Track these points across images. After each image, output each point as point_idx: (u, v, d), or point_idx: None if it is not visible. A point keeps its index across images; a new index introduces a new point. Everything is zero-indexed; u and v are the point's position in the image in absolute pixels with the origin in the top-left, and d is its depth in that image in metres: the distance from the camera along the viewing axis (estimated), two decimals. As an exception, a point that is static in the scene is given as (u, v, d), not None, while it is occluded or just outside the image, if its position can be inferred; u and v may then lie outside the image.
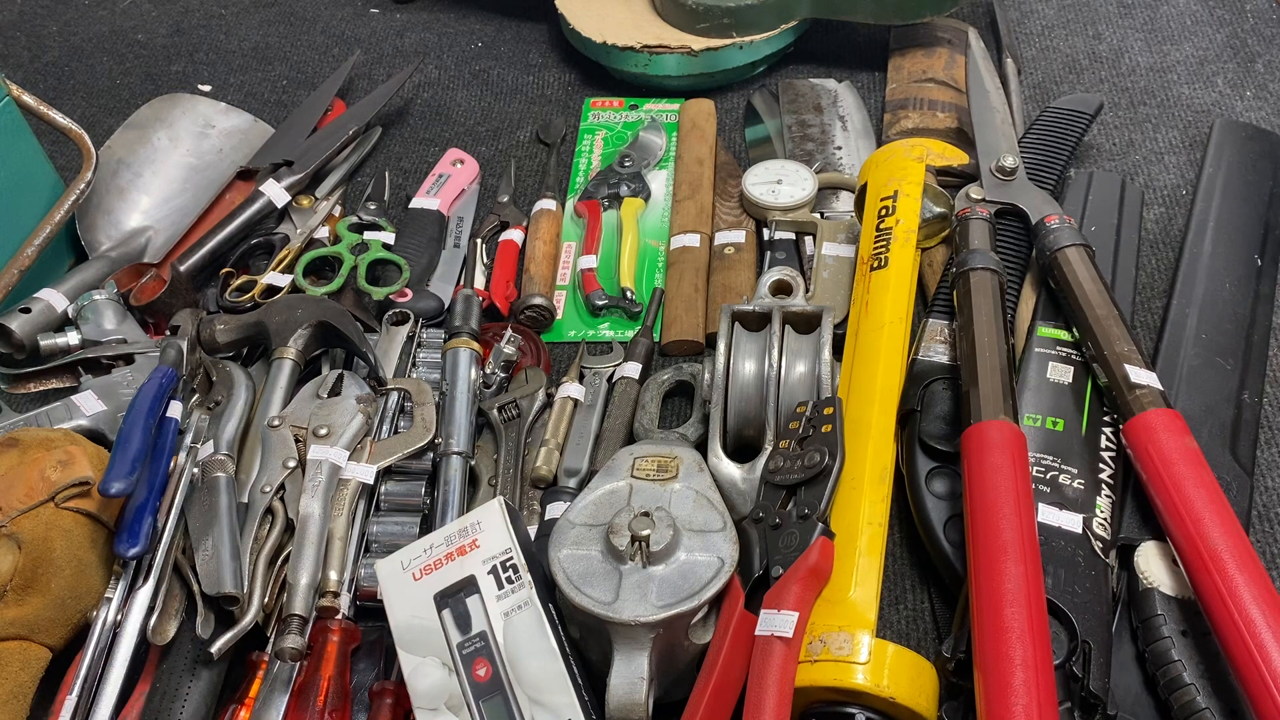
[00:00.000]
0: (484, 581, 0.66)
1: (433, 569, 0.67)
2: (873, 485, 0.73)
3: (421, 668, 0.64)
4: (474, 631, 0.65)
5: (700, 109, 1.16)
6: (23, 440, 0.77)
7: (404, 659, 0.65)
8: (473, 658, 0.64)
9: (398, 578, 0.68)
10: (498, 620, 0.64)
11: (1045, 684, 0.59)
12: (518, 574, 0.66)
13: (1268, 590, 0.62)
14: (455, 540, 0.68)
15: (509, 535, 0.67)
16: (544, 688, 0.62)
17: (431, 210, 1.07)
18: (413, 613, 0.66)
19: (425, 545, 0.68)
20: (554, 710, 0.61)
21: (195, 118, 1.15)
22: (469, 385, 0.86)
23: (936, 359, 0.82)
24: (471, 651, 0.64)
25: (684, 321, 0.94)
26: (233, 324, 0.91)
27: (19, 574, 0.71)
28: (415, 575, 0.67)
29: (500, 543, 0.67)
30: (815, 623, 0.67)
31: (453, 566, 0.67)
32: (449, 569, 0.67)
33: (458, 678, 0.63)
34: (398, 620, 0.66)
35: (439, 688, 0.63)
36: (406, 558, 0.68)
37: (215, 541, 0.73)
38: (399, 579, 0.67)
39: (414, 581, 0.67)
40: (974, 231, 0.86)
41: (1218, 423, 0.77)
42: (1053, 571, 0.68)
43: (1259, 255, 0.89)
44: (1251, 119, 1.09)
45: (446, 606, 0.66)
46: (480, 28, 1.38)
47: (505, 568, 0.66)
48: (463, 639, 0.65)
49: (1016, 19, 1.27)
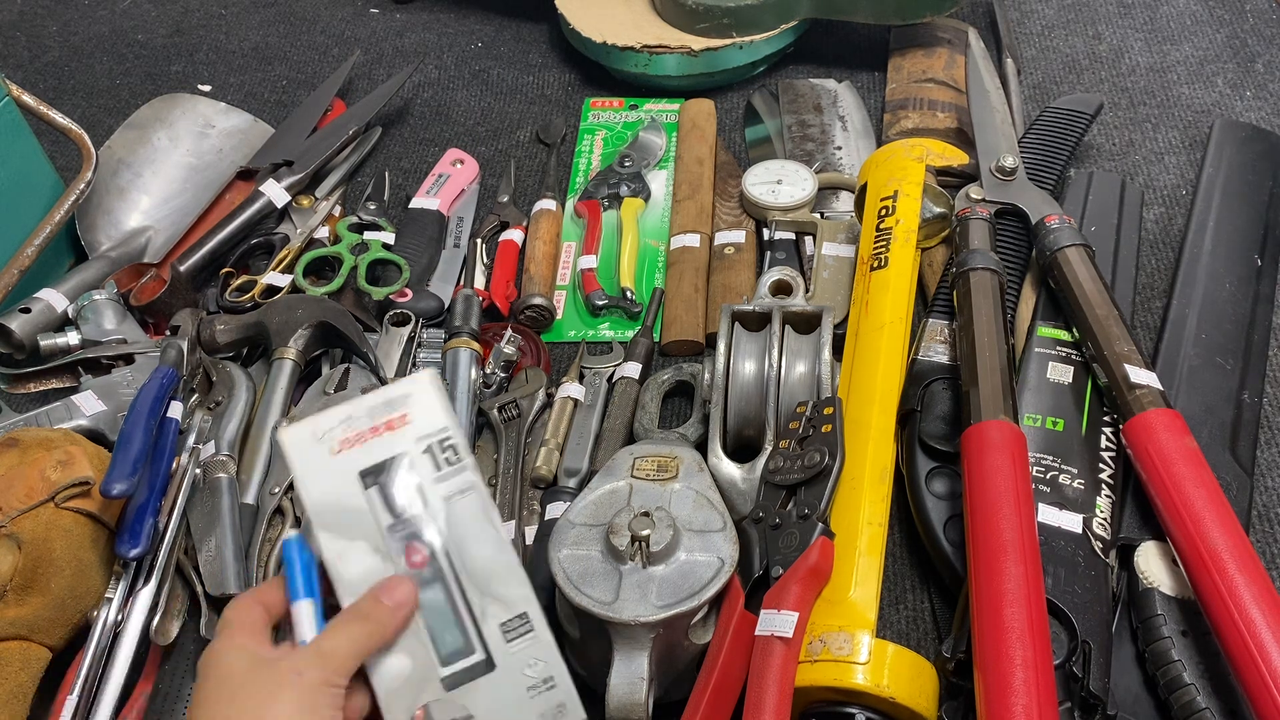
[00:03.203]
0: (418, 461, 0.59)
1: (354, 443, 0.59)
2: (873, 485, 0.73)
3: (349, 552, 0.57)
4: (407, 514, 0.58)
5: (700, 109, 1.16)
6: (23, 440, 0.77)
7: (325, 542, 0.57)
8: (406, 542, 0.57)
9: (310, 449, 0.59)
10: (437, 504, 0.58)
11: (1045, 684, 0.59)
12: (457, 455, 0.59)
13: (1268, 590, 0.62)
14: (380, 414, 0.59)
15: (445, 413, 0.60)
16: (495, 578, 0.57)
17: (431, 210, 1.07)
18: (333, 489, 0.58)
19: (342, 415, 0.59)
20: (507, 602, 0.57)
21: (195, 118, 1.16)
22: (469, 385, 0.86)
23: (936, 359, 0.82)
24: (405, 534, 0.58)
25: (684, 321, 0.94)
26: (233, 324, 0.91)
27: (19, 574, 0.71)
28: (334, 449, 0.59)
29: (435, 421, 0.59)
30: (815, 623, 0.67)
31: (379, 442, 0.59)
32: (374, 444, 0.59)
33: (392, 564, 0.57)
34: (314, 498, 0.58)
35: (370, 573, 0.57)
36: (319, 427, 0.59)
37: (218, 542, 0.73)
38: (312, 451, 0.59)
39: (331, 455, 0.59)
40: (974, 231, 0.86)
41: (1218, 423, 0.77)
42: (1053, 571, 0.68)
43: (1259, 255, 0.89)
44: (1251, 119, 1.09)
45: (375, 485, 0.58)
46: (480, 28, 1.38)
47: (443, 448, 0.59)
48: (394, 521, 0.58)
49: (1016, 19, 1.27)
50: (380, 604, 0.55)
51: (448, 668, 0.56)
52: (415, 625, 0.56)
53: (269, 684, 0.52)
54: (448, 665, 0.56)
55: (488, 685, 0.56)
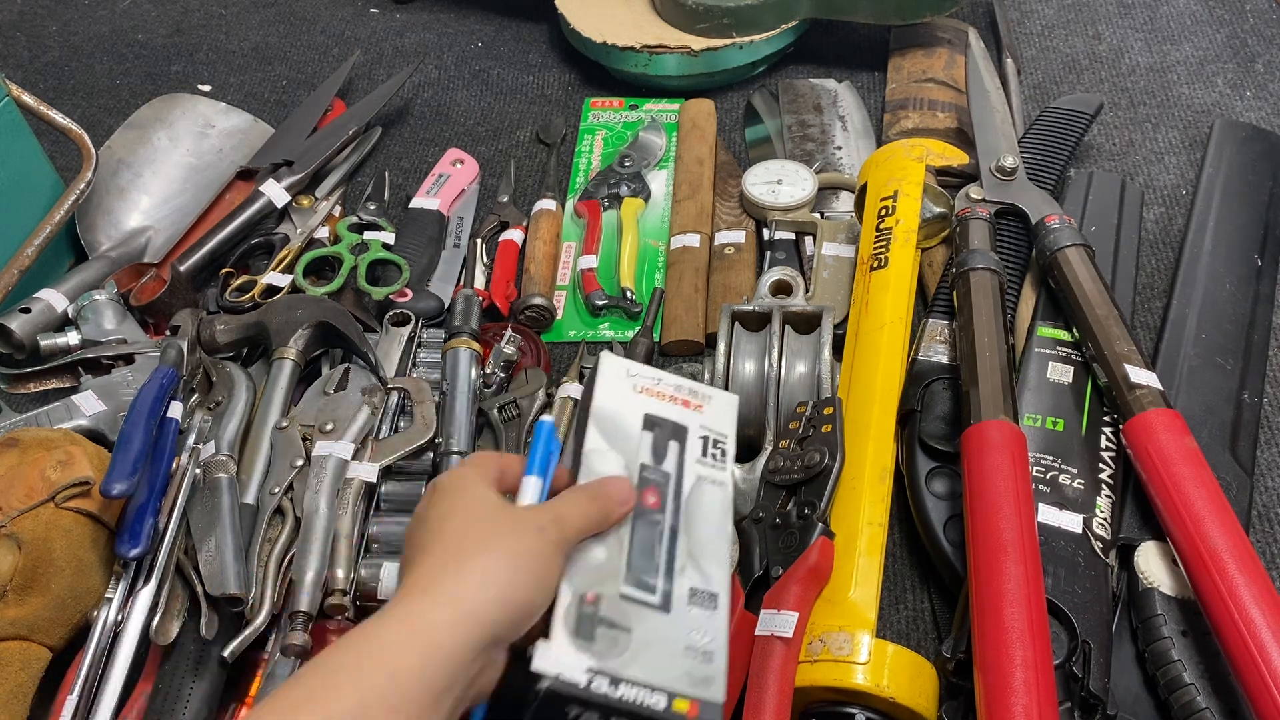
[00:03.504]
0: (693, 439, 0.66)
1: (653, 395, 0.67)
2: (873, 485, 0.73)
3: (606, 455, 0.63)
4: (663, 467, 0.64)
5: (700, 109, 1.16)
6: (23, 440, 0.77)
7: (592, 436, 0.64)
8: (649, 484, 0.63)
9: (619, 375, 0.67)
10: (690, 477, 0.65)
11: (1045, 684, 0.59)
12: (723, 457, 0.66)
13: (1268, 590, 0.62)
14: (684, 392, 0.68)
15: (732, 424, 0.68)
16: (706, 554, 0.62)
17: (431, 210, 1.07)
18: (620, 409, 0.66)
19: (655, 375, 0.68)
20: (706, 576, 0.61)
21: (195, 118, 1.16)
22: (469, 385, 0.86)
23: (936, 359, 0.82)
24: (651, 479, 0.63)
25: (684, 321, 0.94)
26: (233, 324, 0.91)
27: (19, 574, 0.71)
28: (636, 388, 0.67)
29: (722, 425, 0.68)
30: (815, 623, 0.67)
31: (673, 408, 0.67)
32: (669, 407, 0.67)
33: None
34: (602, 403, 0.65)
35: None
36: (634, 368, 0.68)
37: (218, 542, 0.73)
38: (620, 378, 0.67)
39: (633, 391, 0.67)
40: (974, 231, 0.86)
41: (1218, 423, 0.77)
42: (1053, 571, 0.68)
43: (1259, 255, 0.89)
44: (1251, 119, 1.09)
45: (653, 431, 0.66)
46: (480, 28, 1.38)
47: (716, 445, 0.67)
48: (650, 465, 0.64)
49: (1016, 19, 1.27)
50: (607, 492, 0.60)
51: (628, 587, 0.59)
52: (622, 535, 0.60)
53: (515, 529, 0.55)
54: (629, 585, 0.59)
55: (655, 621, 0.58)
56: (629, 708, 0.55)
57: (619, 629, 0.57)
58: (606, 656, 0.56)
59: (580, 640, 0.56)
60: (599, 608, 0.57)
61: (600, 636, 0.56)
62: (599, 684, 0.54)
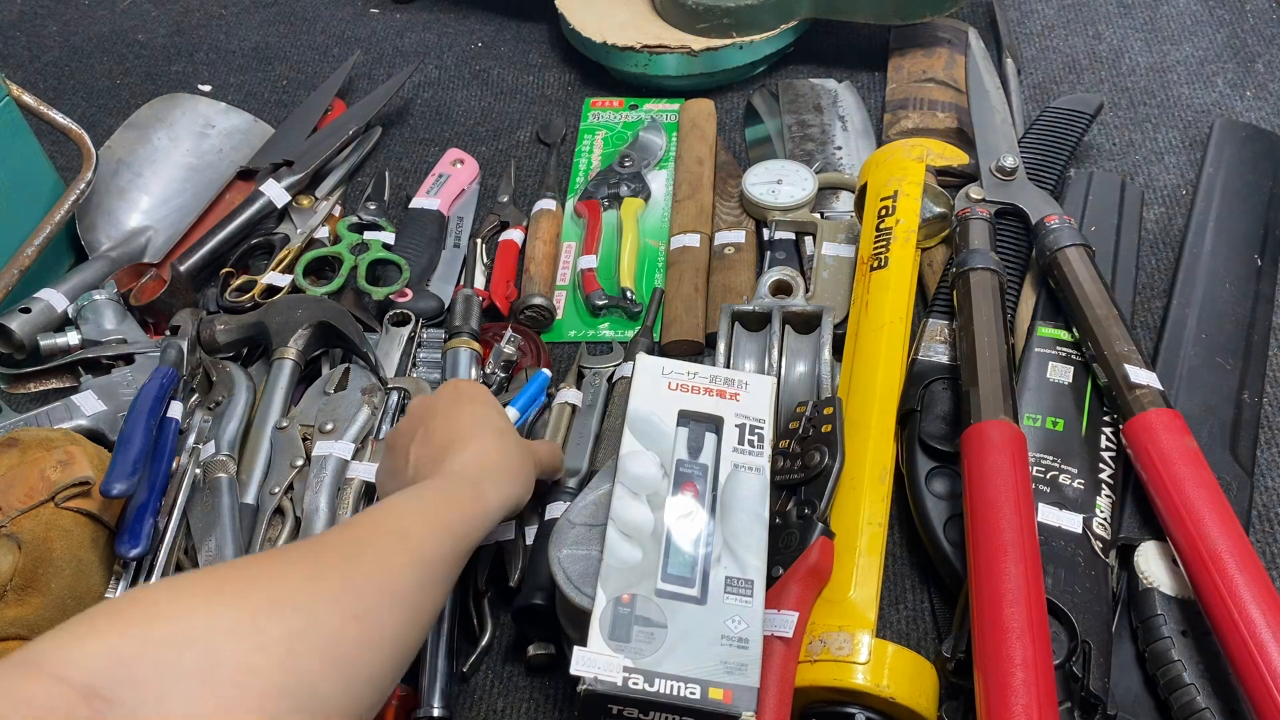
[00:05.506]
0: (728, 429, 0.69)
1: (687, 391, 0.70)
2: (873, 485, 0.73)
3: (641, 456, 0.67)
4: (699, 460, 0.68)
5: (700, 109, 1.16)
6: (23, 440, 0.77)
7: (627, 440, 0.68)
8: (685, 479, 0.67)
9: (653, 375, 0.71)
10: (727, 466, 0.67)
11: (1045, 684, 0.59)
12: (761, 443, 0.69)
13: (1268, 590, 0.62)
14: (719, 383, 0.71)
15: (768, 409, 0.71)
16: (742, 541, 0.64)
17: (431, 210, 1.07)
18: (654, 409, 0.69)
19: (688, 369, 0.72)
20: (742, 564, 0.63)
21: (195, 118, 1.16)
22: (469, 385, 0.86)
23: (936, 359, 0.82)
24: (688, 473, 0.67)
25: (684, 321, 0.94)
26: (233, 324, 0.91)
27: (19, 574, 0.71)
28: (670, 385, 0.70)
29: (758, 410, 0.71)
30: (815, 623, 0.67)
31: (707, 400, 0.70)
32: (702, 400, 0.70)
33: (667, 480, 0.67)
34: (637, 407, 0.69)
35: (648, 480, 0.66)
36: (667, 366, 0.71)
37: (218, 542, 0.73)
38: (654, 376, 0.71)
39: (667, 389, 0.70)
40: (974, 231, 0.86)
41: (1218, 423, 0.77)
42: (1053, 571, 0.68)
43: (1259, 255, 0.89)
44: (1251, 119, 1.09)
45: (687, 426, 0.69)
46: (480, 28, 1.38)
47: (754, 432, 0.69)
48: (687, 460, 0.68)
49: (1016, 19, 1.27)
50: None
51: (666, 584, 0.62)
52: (660, 534, 0.64)
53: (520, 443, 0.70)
54: (666, 582, 0.62)
55: (691, 613, 0.61)
56: (666, 700, 0.57)
57: (655, 625, 0.60)
58: (642, 655, 0.58)
59: (616, 642, 0.59)
60: (634, 607, 0.60)
61: (636, 635, 0.59)
62: (636, 681, 0.58)
